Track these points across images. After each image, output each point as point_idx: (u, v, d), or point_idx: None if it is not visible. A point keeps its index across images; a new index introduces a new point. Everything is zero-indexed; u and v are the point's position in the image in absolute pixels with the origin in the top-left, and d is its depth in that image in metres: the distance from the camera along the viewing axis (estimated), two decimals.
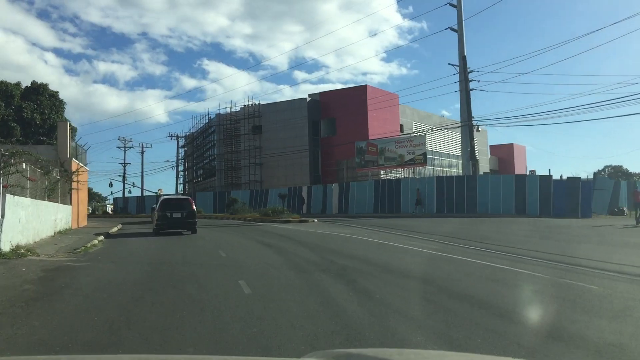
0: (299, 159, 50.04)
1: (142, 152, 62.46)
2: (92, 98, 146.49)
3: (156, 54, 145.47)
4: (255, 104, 53.69)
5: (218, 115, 56.23)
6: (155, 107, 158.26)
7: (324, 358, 2.18)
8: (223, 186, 54.39)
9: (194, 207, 21.38)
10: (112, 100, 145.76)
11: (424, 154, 45.14)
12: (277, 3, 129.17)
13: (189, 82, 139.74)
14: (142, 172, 63.15)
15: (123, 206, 59.51)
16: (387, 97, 49.73)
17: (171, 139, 59.82)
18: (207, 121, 59.11)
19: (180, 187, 62.46)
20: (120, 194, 63.04)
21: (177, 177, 59.44)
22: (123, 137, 61.95)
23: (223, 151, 55.57)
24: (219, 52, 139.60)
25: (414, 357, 2.46)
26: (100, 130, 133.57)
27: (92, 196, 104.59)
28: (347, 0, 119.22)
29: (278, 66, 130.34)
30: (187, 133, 63.94)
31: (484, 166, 59.09)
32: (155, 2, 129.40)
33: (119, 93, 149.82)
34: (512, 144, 70.62)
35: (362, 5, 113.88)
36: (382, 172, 47.28)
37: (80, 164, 26.80)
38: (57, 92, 37.13)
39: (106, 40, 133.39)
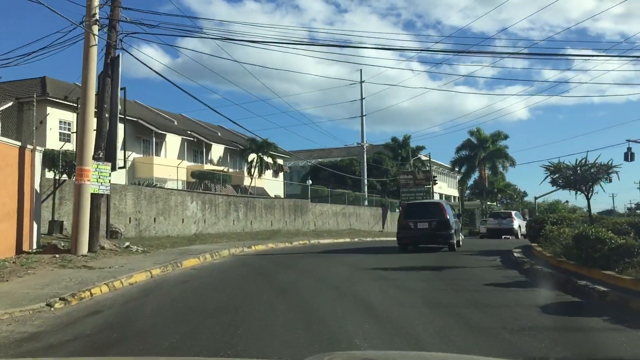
0: None
1: None
2: (453, 100, 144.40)
3: (516, 49, 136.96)
4: None
5: None
6: (515, 104, 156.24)
7: None
8: None
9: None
10: (471, 102, 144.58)
11: None
12: None
13: (549, 74, 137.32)
14: None
15: None
16: None
17: None
18: None
19: None
20: None
21: None
22: None
23: None
24: (584, 39, 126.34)
25: None
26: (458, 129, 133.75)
27: None
28: None
29: None
30: None
31: None
32: None
33: (479, 93, 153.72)
34: None
35: None
36: None
37: None
38: None
39: (466, 42, 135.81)
